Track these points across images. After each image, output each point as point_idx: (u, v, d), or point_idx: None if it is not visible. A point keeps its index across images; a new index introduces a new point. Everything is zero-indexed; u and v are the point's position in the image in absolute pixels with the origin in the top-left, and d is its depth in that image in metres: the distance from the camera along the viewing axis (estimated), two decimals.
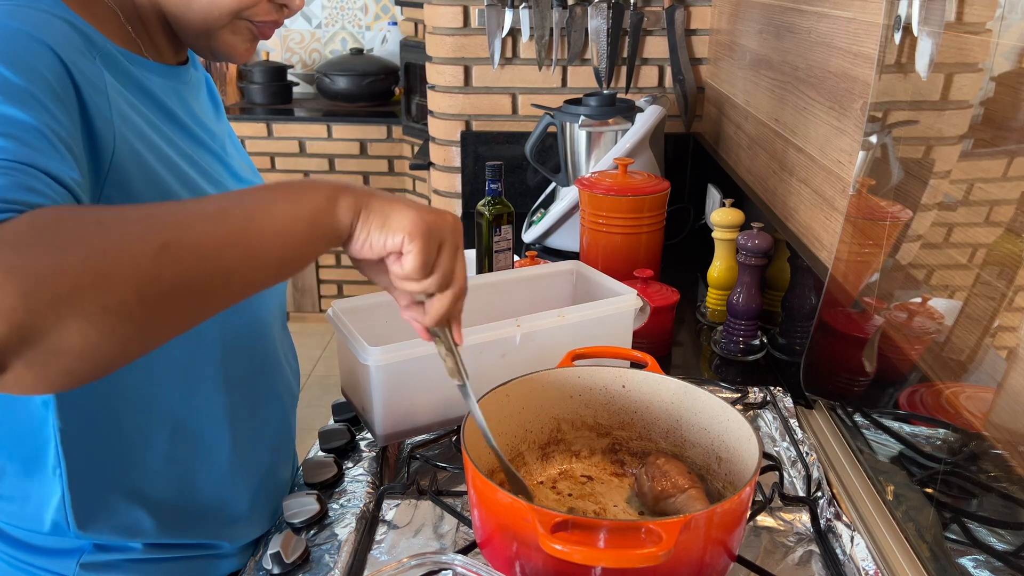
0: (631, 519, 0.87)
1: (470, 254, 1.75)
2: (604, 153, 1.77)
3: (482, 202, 1.43)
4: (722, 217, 1.46)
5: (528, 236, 1.86)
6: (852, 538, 0.85)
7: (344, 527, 0.89)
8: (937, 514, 0.83)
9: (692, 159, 2.11)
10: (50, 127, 0.62)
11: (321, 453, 1.04)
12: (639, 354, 1.01)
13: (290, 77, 3.91)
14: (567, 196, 1.76)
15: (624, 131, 1.76)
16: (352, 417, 1.11)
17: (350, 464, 1.01)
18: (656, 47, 2.06)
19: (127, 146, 0.72)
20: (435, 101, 2.16)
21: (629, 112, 1.79)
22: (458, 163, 2.16)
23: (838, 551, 0.86)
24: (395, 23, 3.91)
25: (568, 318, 1.06)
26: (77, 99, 0.67)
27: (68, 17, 0.71)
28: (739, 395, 1.17)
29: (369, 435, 1.07)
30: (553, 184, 1.95)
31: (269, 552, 0.84)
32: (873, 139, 1.03)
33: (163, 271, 0.54)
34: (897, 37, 0.96)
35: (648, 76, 2.09)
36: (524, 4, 1.98)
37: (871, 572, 0.80)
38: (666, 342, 1.38)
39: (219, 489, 0.89)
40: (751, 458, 0.80)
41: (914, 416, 0.93)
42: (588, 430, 0.97)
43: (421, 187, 3.47)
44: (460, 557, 0.70)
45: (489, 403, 0.88)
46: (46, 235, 0.52)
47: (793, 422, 1.09)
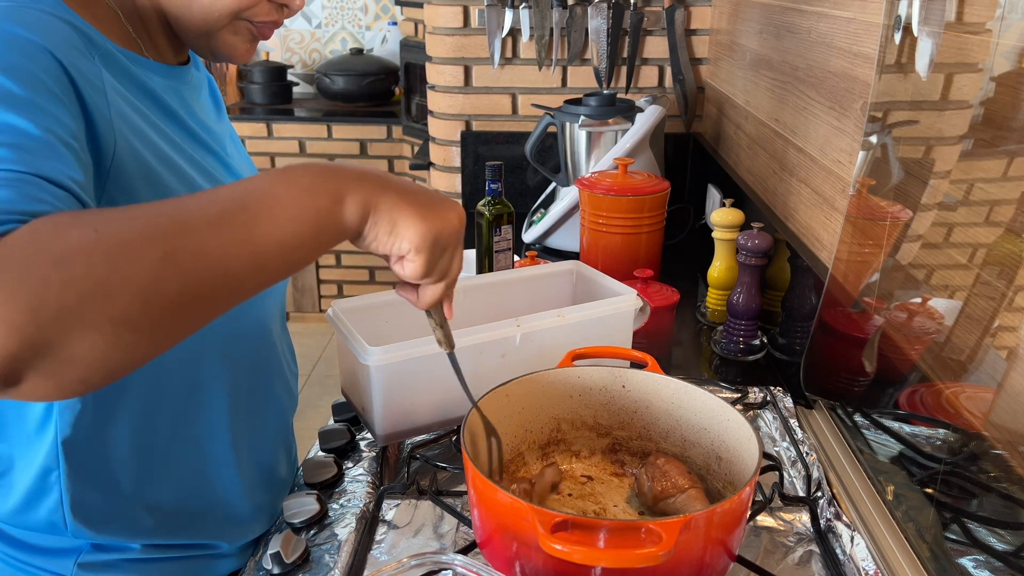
0: (631, 519, 0.87)
1: (470, 254, 1.75)
2: (604, 153, 1.77)
3: (482, 202, 1.43)
4: (722, 217, 1.46)
5: (528, 236, 1.86)
6: (852, 538, 0.85)
7: (344, 527, 0.89)
8: (937, 514, 0.83)
9: (692, 159, 2.11)
10: (50, 130, 0.62)
11: (321, 453, 1.04)
12: (639, 354, 1.01)
13: (290, 77, 3.91)
14: (567, 196, 1.76)
15: (624, 131, 1.76)
16: (352, 417, 1.11)
17: (350, 464, 1.01)
18: (656, 47, 2.06)
19: (127, 146, 0.72)
20: (435, 101, 2.16)
21: (629, 112, 1.79)
22: (458, 163, 2.17)
23: (838, 551, 0.86)
24: (395, 23, 3.91)
25: (568, 318, 1.06)
26: (78, 100, 0.67)
27: (67, 17, 0.71)
28: (739, 395, 1.17)
29: (369, 435, 1.07)
30: (553, 184, 1.95)
31: (269, 552, 0.84)
32: (873, 139, 1.03)
33: (166, 279, 0.54)
34: (897, 37, 0.96)
35: (648, 76, 2.09)
36: (524, 4, 1.98)
37: (871, 572, 0.80)
38: (666, 342, 1.38)
39: (219, 489, 0.89)
40: (751, 458, 0.80)
41: (914, 416, 0.93)
42: (588, 430, 0.97)
43: None
44: (460, 557, 0.70)
45: (489, 403, 0.88)
46: (48, 248, 0.52)
47: (793, 422, 1.09)
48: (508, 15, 2.00)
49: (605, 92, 1.82)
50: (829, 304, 1.11)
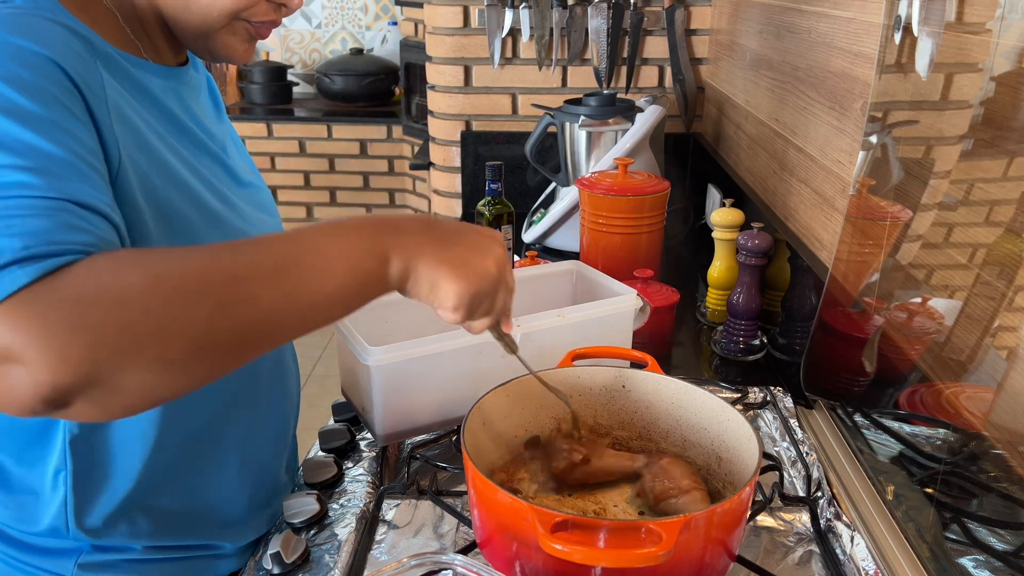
0: (631, 519, 0.87)
1: None
2: (604, 153, 1.77)
3: (482, 202, 1.43)
4: (722, 217, 1.46)
5: (528, 236, 1.86)
6: (852, 538, 0.85)
7: (344, 527, 0.89)
8: (937, 514, 0.83)
9: (692, 159, 2.11)
10: (73, 150, 0.62)
11: (321, 453, 1.04)
12: (639, 354, 1.01)
13: (290, 77, 3.91)
14: (567, 196, 1.76)
15: (624, 131, 1.76)
16: (352, 417, 1.11)
17: (350, 464, 1.01)
18: (656, 47, 2.06)
19: (129, 157, 0.71)
20: (435, 101, 2.16)
21: (629, 112, 1.79)
22: (458, 163, 2.17)
23: (838, 551, 0.86)
24: (395, 23, 3.91)
25: (568, 318, 1.06)
26: (88, 112, 0.67)
27: (66, 22, 0.70)
28: (739, 395, 1.17)
29: (369, 435, 1.07)
30: (553, 184, 1.95)
31: (269, 552, 0.84)
32: (873, 139, 1.03)
33: (217, 326, 0.58)
34: (897, 37, 0.96)
35: (648, 76, 2.09)
36: (524, 4, 1.98)
37: (871, 572, 0.80)
38: (666, 342, 1.38)
39: (220, 491, 0.89)
40: (751, 458, 0.80)
41: (914, 416, 0.93)
42: (588, 430, 0.97)
43: (421, 187, 3.48)
44: (460, 557, 0.71)
45: (489, 403, 0.88)
46: (109, 288, 0.55)
47: (793, 422, 1.09)
48: (508, 15, 2.00)
49: (605, 92, 1.82)
50: (829, 304, 1.11)
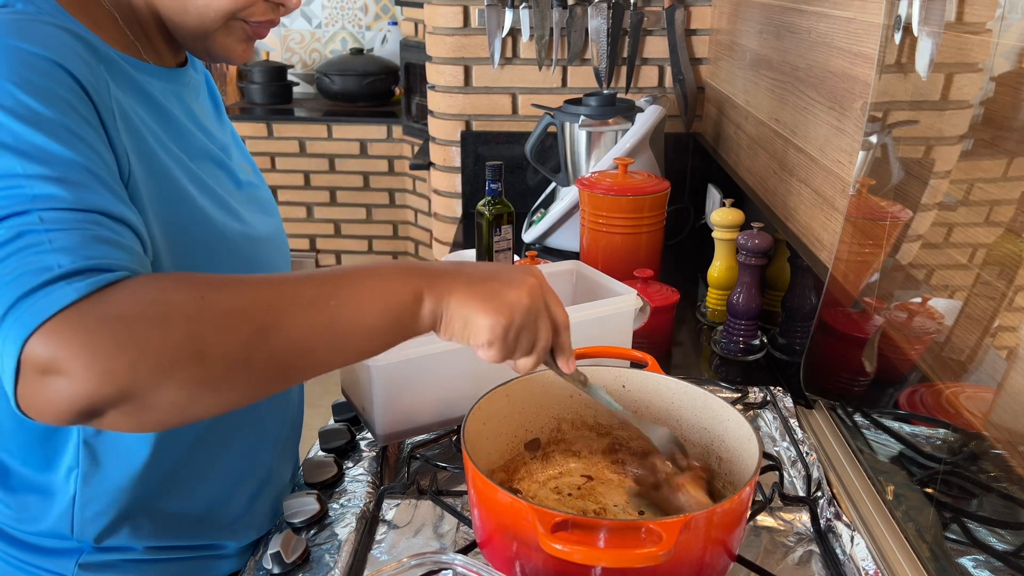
0: (631, 519, 0.87)
1: (470, 254, 1.75)
2: (604, 153, 1.77)
3: (482, 202, 1.43)
4: (722, 217, 1.46)
5: (528, 236, 1.86)
6: (852, 538, 0.85)
7: (344, 527, 0.89)
8: (937, 514, 0.83)
9: (692, 159, 2.11)
10: (91, 159, 0.63)
11: (321, 453, 1.04)
12: (639, 354, 1.01)
13: (290, 77, 3.91)
14: (567, 196, 1.76)
15: (624, 131, 1.76)
16: (352, 417, 1.11)
17: (350, 464, 1.01)
18: (656, 47, 2.06)
19: (134, 164, 0.71)
20: (435, 101, 2.16)
21: (629, 112, 1.79)
22: (458, 163, 2.16)
23: (838, 551, 0.86)
24: (395, 23, 3.91)
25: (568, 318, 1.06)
26: (98, 118, 0.67)
27: (71, 27, 0.70)
28: (739, 395, 1.17)
29: (369, 435, 1.07)
30: (553, 184, 1.95)
31: (269, 552, 0.84)
32: (873, 139, 1.03)
33: (254, 353, 0.59)
34: (897, 37, 0.96)
35: (648, 76, 2.09)
36: (524, 4, 1.98)
37: (871, 572, 0.80)
38: (666, 342, 1.38)
39: (222, 491, 0.89)
40: (751, 458, 0.80)
41: (914, 416, 0.93)
42: (588, 430, 0.97)
43: (421, 187, 3.48)
44: (460, 557, 0.70)
45: (489, 403, 0.88)
46: (154, 308, 0.57)
47: (793, 422, 1.09)
48: (508, 15, 2.00)
49: (605, 92, 1.82)
50: (829, 304, 1.11)
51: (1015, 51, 0.74)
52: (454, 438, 1.05)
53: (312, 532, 0.89)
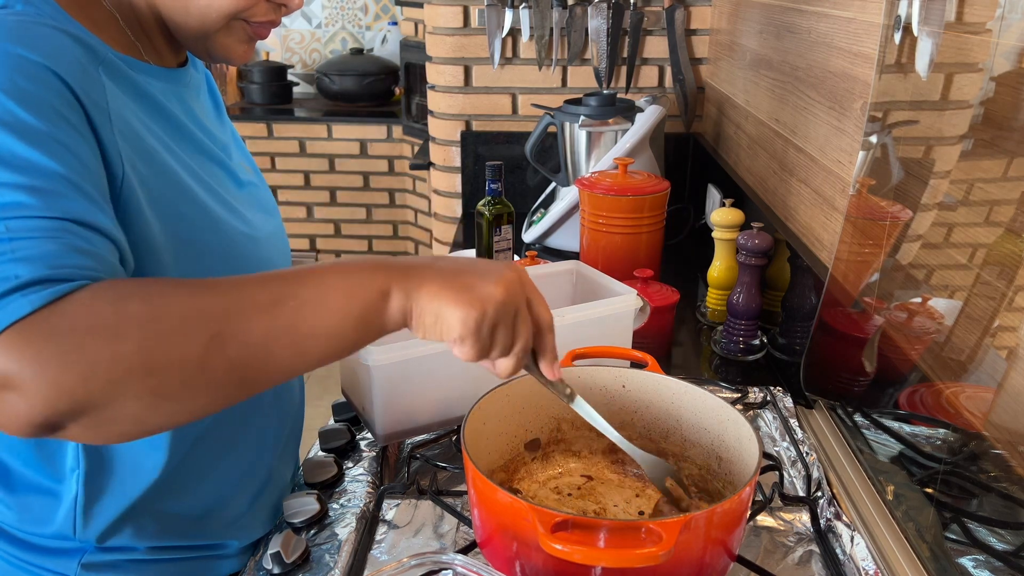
0: (631, 519, 0.87)
1: (470, 254, 1.75)
2: (604, 153, 1.77)
3: (482, 202, 1.44)
4: (722, 217, 1.46)
5: (528, 236, 1.86)
6: (852, 538, 0.85)
7: (344, 527, 0.89)
8: (937, 514, 0.83)
9: (692, 159, 2.11)
10: (74, 167, 0.62)
11: (321, 453, 1.04)
12: (639, 354, 1.01)
13: (290, 77, 3.91)
14: (567, 196, 1.76)
15: (624, 131, 1.76)
16: (352, 417, 1.11)
17: (350, 464, 1.01)
18: (656, 47, 2.06)
19: (132, 168, 0.71)
20: (435, 101, 2.16)
21: (629, 112, 1.79)
22: (458, 163, 2.17)
23: (838, 551, 0.86)
24: (395, 23, 3.91)
25: (568, 318, 1.06)
26: (89, 126, 0.67)
27: (69, 28, 0.70)
28: (739, 395, 1.17)
29: (369, 435, 1.07)
30: (553, 184, 1.95)
31: (269, 552, 0.84)
32: (873, 139, 1.03)
33: (211, 360, 0.58)
34: (897, 37, 0.96)
35: (648, 76, 2.09)
36: (524, 4, 1.98)
37: (871, 572, 0.80)
38: (666, 342, 1.38)
39: (223, 491, 0.89)
40: (751, 458, 0.80)
41: (914, 416, 0.93)
42: (588, 430, 0.97)
43: (421, 187, 3.48)
44: (460, 557, 0.70)
45: (489, 403, 0.88)
46: (105, 320, 0.56)
47: (793, 422, 1.09)
48: (508, 15, 2.00)
49: (605, 92, 1.82)
50: (829, 304, 1.11)
51: (1015, 51, 0.74)
52: (454, 438, 1.05)
53: (312, 532, 0.89)
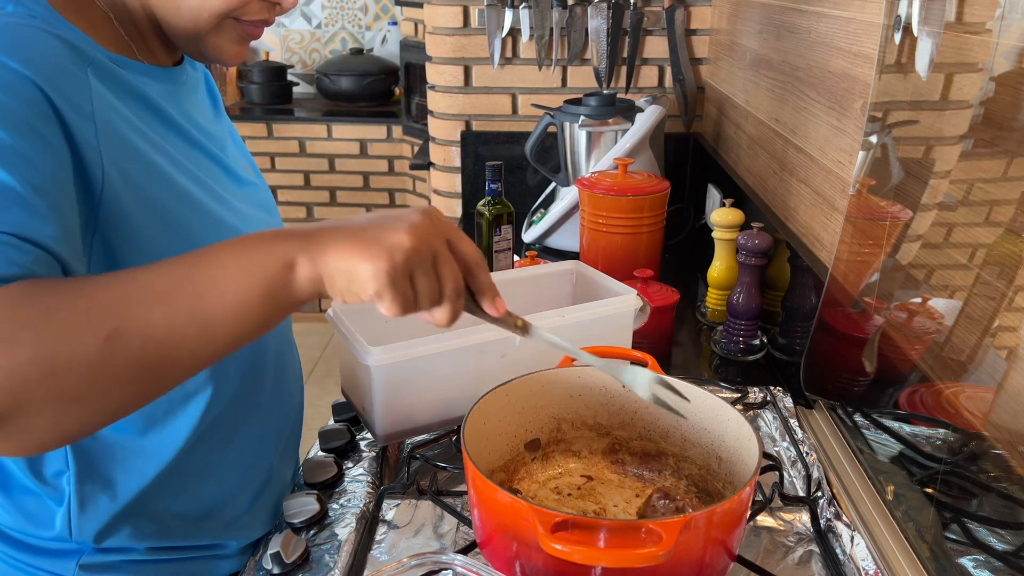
0: (631, 519, 0.87)
1: None
2: (604, 153, 1.77)
3: (482, 202, 1.43)
4: (722, 217, 1.46)
5: (528, 236, 1.86)
6: (852, 538, 0.85)
7: (344, 527, 0.89)
8: (937, 514, 0.83)
9: (692, 159, 2.11)
10: (30, 181, 0.61)
11: (321, 453, 1.04)
12: (639, 354, 1.01)
13: (290, 77, 3.91)
14: (567, 196, 1.76)
15: (624, 131, 1.76)
16: (352, 417, 1.11)
17: (350, 464, 1.01)
18: (656, 47, 2.06)
19: (117, 173, 0.70)
20: (435, 101, 2.16)
21: (629, 112, 1.79)
22: (458, 163, 2.17)
23: (838, 551, 0.86)
24: (395, 23, 3.91)
25: (568, 318, 1.06)
26: (64, 134, 0.66)
27: (59, 29, 0.70)
28: (739, 395, 1.17)
29: (369, 435, 1.07)
30: (553, 184, 1.95)
31: (269, 552, 0.84)
32: (873, 139, 1.03)
33: (113, 357, 0.56)
34: (897, 37, 0.96)
35: (648, 76, 2.09)
36: (524, 4, 1.98)
37: (871, 572, 0.80)
38: (666, 342, 1.38)
39: (222, 492, 0.89)
40: (751, 458, 0.80)
41: (914, 416, 0.93)
42: (588, 430, 0.97)
43: (421, 187, 3.48)
44: (460, 557, 0.70)
45: (489, 403, 0.88)
46: (0, 329, 0.54)
47: (793, 422, 1.09)
48: (508, 15, 2.00)
49: (605, 92, 1.82)
50: (829, 304, 1.11)
51: (1015, 51, 0.74)
52: (454, 438, 1.05)
53: (312, 532, 0.89)
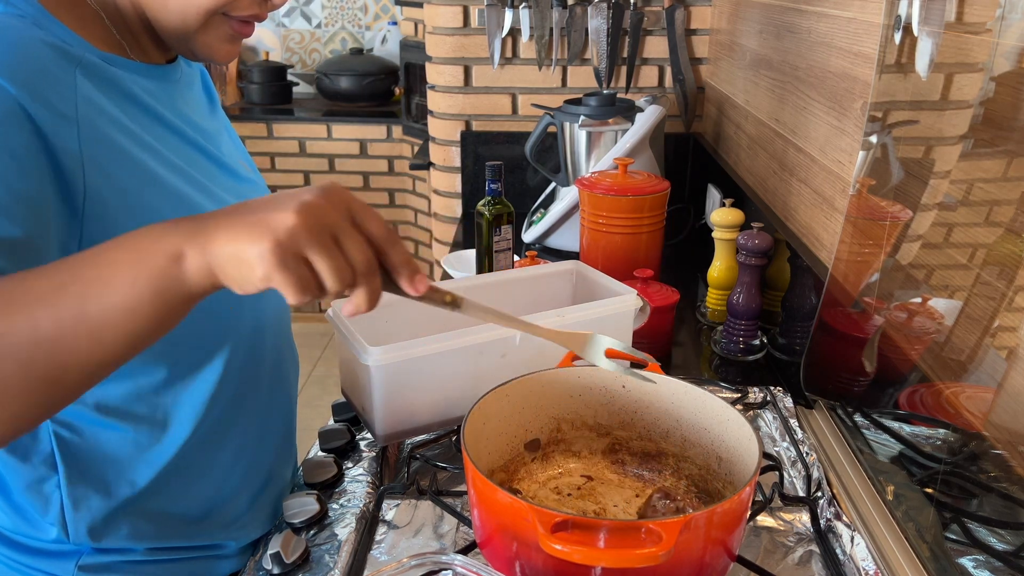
0: (631, 519, 0.87)
1: (470, 254, 1.75)
2: (604, 153, 1.77)
3: (482, 202, 1.43)
4: (722, 217, 1.46)
5: (528, 236, 1.86)
6: (852, 538, 0.85)
7: (344, 527, 0.89)
8: (937, 514, 0.83)
9: (692, 159, 2.11)
10: None
11: (321, 453, 1.04)
12: (639, 354, 1.01)
13: (290, 77, 3.91)
14: (567, 196, 1.76)
15: (624, 131, 1.76)
16: (352, 417, 1.11)
17: (350, 464, 1.01)
18: (656, 47, 2.06)
19: (102, 176, 0.70)
20: (435, 101, 2.16)
21: (629, 112, 1.79)
22: (458, 163, 2.17)
23: (838, 551, 0.86)
24: (395, 23, 3.91)
25: (568, 318, 1.06)
26: (39, 141, 0.66)
27: (48, 28, 0.70)
28: (739, 395, 1.17)
29: (369, 435, 1.07)
30: (553, 184, 1.95)
31: (269, 552, 0.84)
32: (873, 139, 1.03)
33: (2, 365, 0.54)
34: (897, 37, 0.96)
35: (648, 76, 2.09)
36: (524, 4, 1.98)
37: (871, 572, 0.80)
38: (666, 342, 1.38)
39: (221, 492, 0.89)
40: (751, 458, 0.80)
41: (914, 416, 0.93)
42: (588, 430, 0.97)
43: (421, 187, 3.48)
44: (460, 557, 0.70)
45: (489, 403, 0.88)
46: None
47: (793, 422, 1.09)
48: (508, 15, 2.00)
49: (605, 92, 1.82)
50: (829, 304, 1.11)
51: (1015, 51, 0.74)
52: (454, 438, 1.05)
53: (312, 532, 0.89)
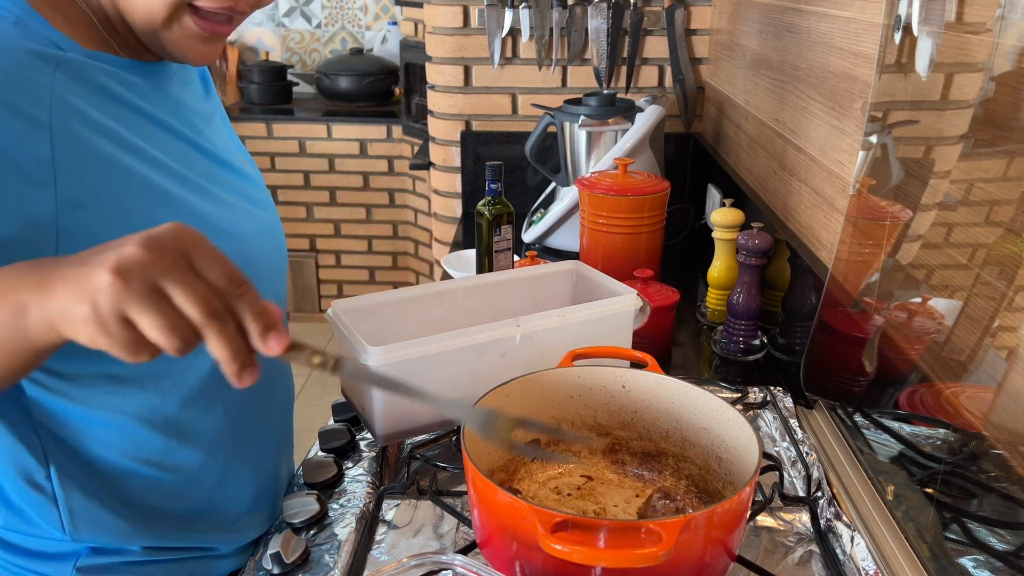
0: (631, 519, 0.87)
1: (470, 254, 1.75)
2: (604, 153, 1.77)
3: (482, 202, 1.43)
4: (722, 217, 1.46)
5: (528, 236, 1.86)
6: (852, 538, 0.85)
7: (344, 527, 0.89)
8: (937, 514, 0.83)
9: (692, 159, 2.11)
10: None
11: (321, 453, 1.04)
12: (639, 354, 1.01)
13: (290, 77, 3.91)
14: (567, 196, 1.76)
15: (624, 131, 1.76)
16: (352, 417, 1.11)
17: (350, 464, 1.01)
18: (656, 47, 2.06)
19: (76, 181, 0.70)
20: (435, 101, 2.16)
21: (629, 112, 1.79)
22: (458, 163, 2.17)
23: (838, 551, 0.86)
24: (395, 23, 3.91)
25: (568, 318, 1.06)
26: (17, 143, 0.65)
27: (33, 27, 0.69)
28: (739, 395, 1.17)
29: (369, 435, 1.07)
30: (553, 184, 1.95)
31: (269, 552, 0.84)
32: (873, 139, 1.03)
33: None
34: (897, 37, 0.96)
35: (648, 76, 2.09)
36: (524, 4, 1.98)
37: (871, 572, 0.80)
38: (666, 342, 1.38)
39: (220, 492, 0.89)
40: (751, 458, 0.80)
41: (914, 416, 0.93)
42: (588, 430, 0.97)
43: (421, 187, 3.48)
44: (460, 557, 0.70)
45: (489, 403, 0.88)
46: None
47: (793, 422, 1.09)
48: (508, 15, 2.00)
49: (605, 92, 1.82)
50: (829, 304, 1.11)
51: (1015, 51, 0.74)
52: (454, 438, 1.05)
53: (312, 532, 0.89)
